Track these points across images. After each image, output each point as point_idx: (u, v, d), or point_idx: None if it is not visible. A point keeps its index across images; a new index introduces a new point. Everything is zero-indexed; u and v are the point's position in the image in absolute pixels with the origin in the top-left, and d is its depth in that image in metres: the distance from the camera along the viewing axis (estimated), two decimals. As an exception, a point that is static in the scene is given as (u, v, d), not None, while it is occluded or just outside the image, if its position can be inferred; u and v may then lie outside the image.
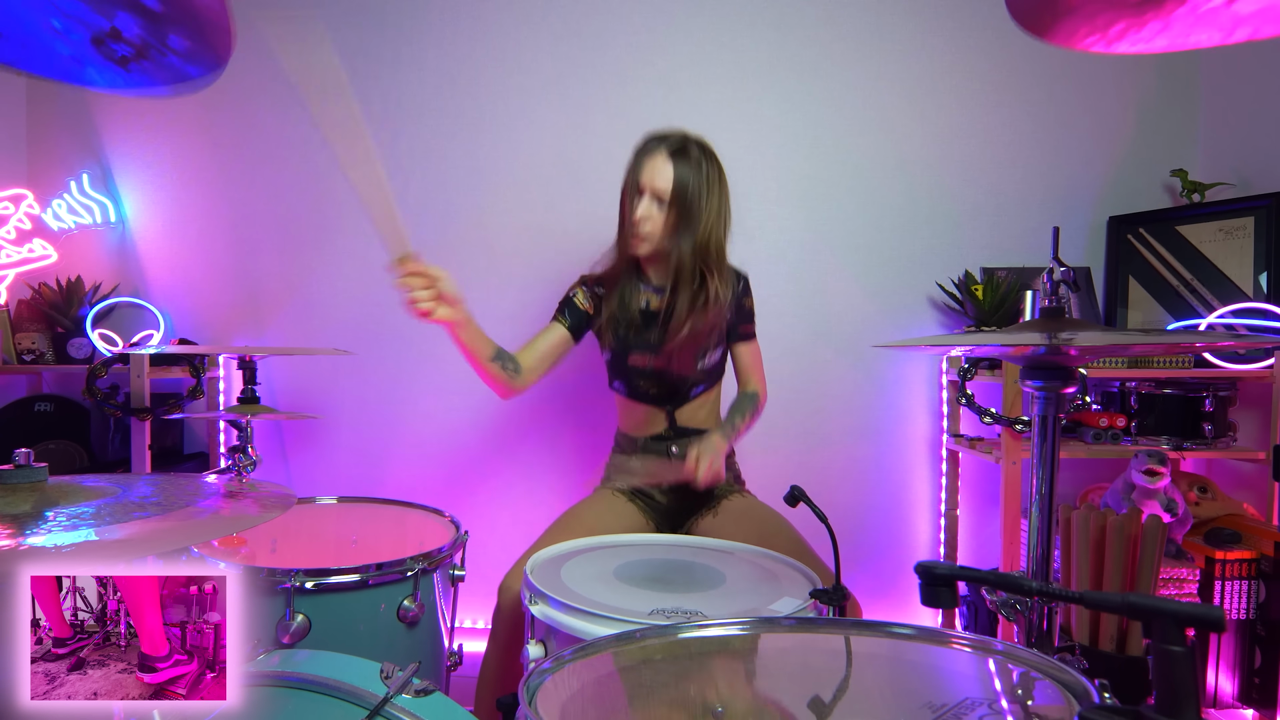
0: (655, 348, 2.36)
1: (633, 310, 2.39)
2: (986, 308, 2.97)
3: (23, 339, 3.09)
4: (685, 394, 2.42)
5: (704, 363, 2.40)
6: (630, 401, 2.47)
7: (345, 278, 3.26)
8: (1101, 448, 2.76)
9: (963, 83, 3.21)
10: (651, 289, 2.40)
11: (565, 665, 1.12)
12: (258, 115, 3.28)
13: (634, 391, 2.44)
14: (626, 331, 2.39)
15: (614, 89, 3.22)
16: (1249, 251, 2.90)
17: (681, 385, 2.40)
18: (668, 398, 2.42)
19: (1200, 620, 0.77)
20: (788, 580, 1.74)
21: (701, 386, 2.43)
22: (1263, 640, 2.57)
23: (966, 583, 0.98)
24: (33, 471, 1.15)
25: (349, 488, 3.15)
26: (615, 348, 2.43)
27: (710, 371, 2.44)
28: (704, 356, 2.39)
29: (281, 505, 1.20)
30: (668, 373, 2.38)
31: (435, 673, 2.00)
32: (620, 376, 2.46)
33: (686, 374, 2.39)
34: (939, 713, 0.99)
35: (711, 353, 2.41)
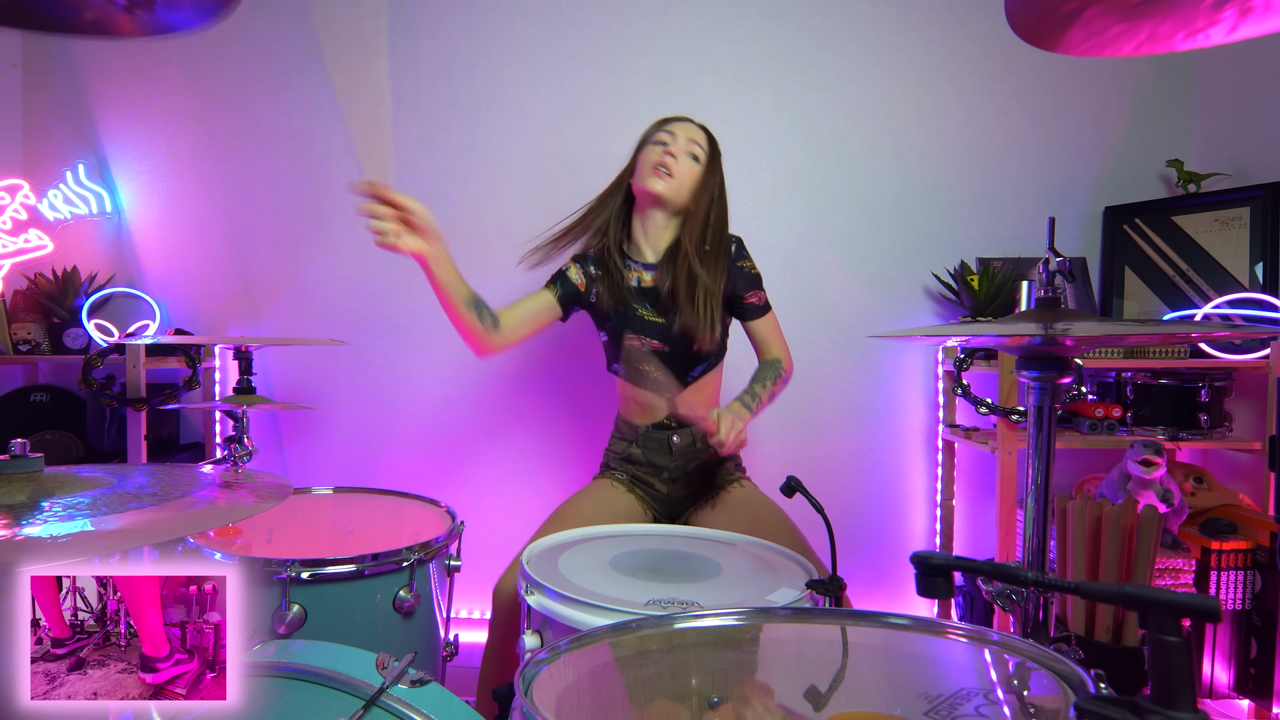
0: (652, 326, 2.34)
1: (625, 287, 2.35)
2: (982, 298, 2.97)
3: (18, 329, 3.08)
4: (684, 377, 2.36)
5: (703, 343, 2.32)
6: (631, 385, 2.42)
7: (341, 268, 3.26)
8: (1097, 438, 2.77)
9: (959, 73, 3.21)
10: (640, 266, 2.37)
11: (561, 656, 1.12)
12: (254, 105, 3.27)
13: (634, 375, 2.39)
14: (622, 308, 2.35)
15: (610, 79, 3.21)
16: (1245, 242, 2.91)
17: (679, 365, 2.35)
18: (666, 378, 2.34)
19: (1196, 610, 0.77)
20: (784, 571, 1.74)
21: (700, 369, 2.38)
22: (1258, 630, 2.58)
23: (962, 573, 0.98)
24: (28, 462, 1.15)
25: (345, 478, 3.15)
26: (610, 329, 2.41)
27: (708, 352, 2.37)
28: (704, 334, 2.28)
29: (277, 496, 1.20)
30: (665, 353, 2.35)
31: (431, 663, 2.00)
32: (619, 359, 2.42)
33: (686, 354, 2.34)
34: (935, 703, 0.99)
35: (711, 332, 2.31)
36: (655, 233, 2.36)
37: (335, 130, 3.23)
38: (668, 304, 2.31)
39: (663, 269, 2.32)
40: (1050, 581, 0.93)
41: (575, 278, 2.39)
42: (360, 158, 1.72)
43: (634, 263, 2.38)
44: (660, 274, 2.33)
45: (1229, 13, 1.06)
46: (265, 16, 3.21)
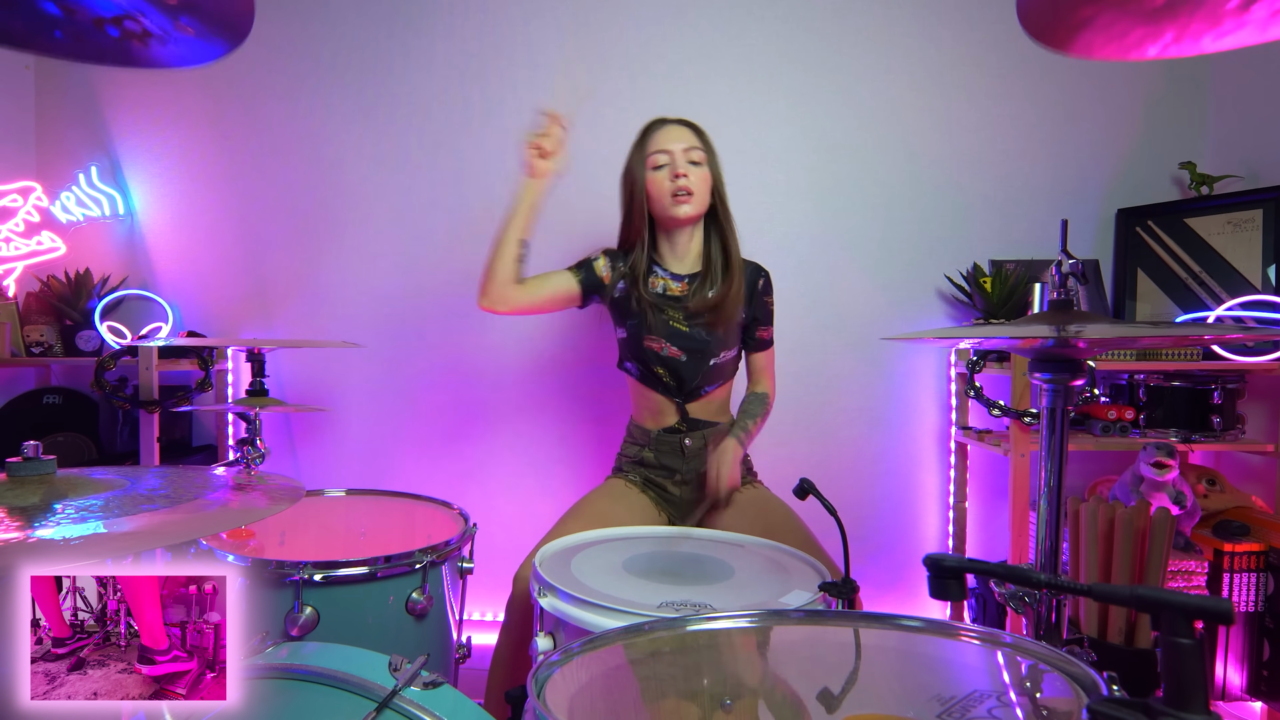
0: (676, 333, 2.36)
1: (652, 293, 2.37)
2: (995, 300, 2.97)
3: (31, 331, 3.09)
4: (696, 390, 2.39)
5: (718, 359, 2.39)
6: (642, 386, 2.44)
7: (354, 270, 3.26)
8: (1110, 440, 2.76)
9: (971, 75, 3.20)
10: (668, 275, 2.40)
11: (574, 658, 1.12)
12: (266, 108, 3.28)
13: (646, 376, 2.42)
14: (645, 311, 2.36)
15: (622, 82, 3.21)
16: (1257, 244, 2.89)
17: (694, 377, 2.38)
18: (678, 389, 2.39)
19: (1209, 613, 0.77)
20: (797, 573, 1.74)
21: (713, 385, 2.42)
22: (1271, 633, 2.56)
23: (975, 575, 0.98)
24: (41, 464, 1.16)
25: (357, 480, 3.16)
26: (631, 327, 2.41)
27: (723, 369, 2.42)
28: (719, 351, 2.39)
29: (290, 498, 1.20)
30: (681, 362, 2.37)
31: (444, 665, 2.00)
32: (633, 358, 2.44)
33: (702, 367, 2.38)
34: (948, 705, 0.99)
35: (727, 350, 2.41)
36: (684, 244, 2.41)
37: (348, 133, 3.25)
38: (698, 311, 2.36)
39: (696, 278, 2.38)
40: (1063, 584, 0.93)
41: (602, 270, 2.41)
42: (558, 85, 1.90)
43: (662, 270, 2.41)
44: (688, 285, 2.38)
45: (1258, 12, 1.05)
46: (279, 19, 3.22)
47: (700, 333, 2.36)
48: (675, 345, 2.36)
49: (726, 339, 2.39)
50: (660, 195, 2.33)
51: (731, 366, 2.46)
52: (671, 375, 2.38)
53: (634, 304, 2.37)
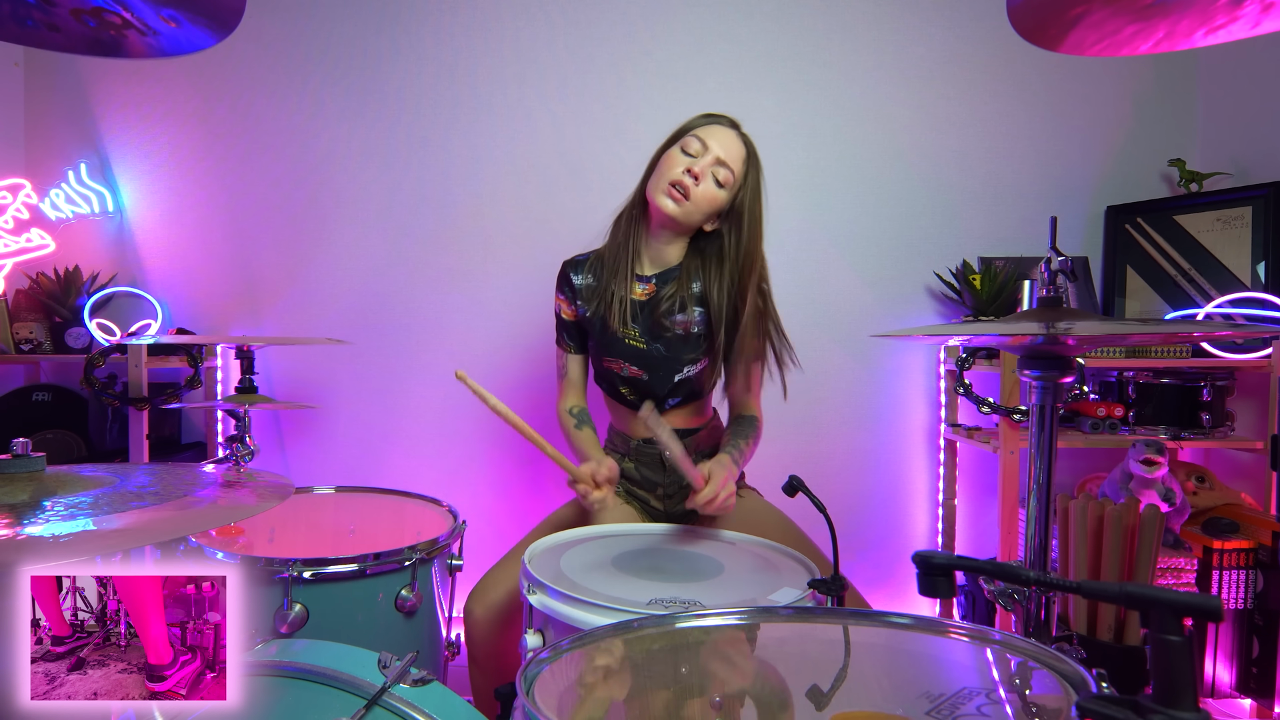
0: (632, 351, 2.21)
1: (617, 302, 2.19)
2: (984, 297, 2.97)
3: (20, 328, 3.08)
4: (661, 403, 2.23)
5: (683, 374, 2.22)
6: (614, 401, 2.34)
7: (343, 267, 3.26)
8: (1099, 437, 2.77)
9: (960, 73, 3.21)
10: (636, 277, 2.24)
11: (563, 655, 1.12)
12: (256, 104, 3.27)
13: (614, 393, 2.31)
14: (604, 327, 2.21)
15: (612, 79, 3.21)
16: (1247, 241, 2.90)
17: (663, 390, 2.22)
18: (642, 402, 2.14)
19: (1198, 610, 0.77)
20: (786, 570, 1.74)
21: (687, 399, 2.27)
22: (1260, 630, 2.58)
23: (964, 572, 0.98)
24: (30, 461, 1.15)
25: (347, 477, 3.15)
26: (592, 348, 2.31)
27: (695, 380, 2.26)
28: (683, 367, 2.22)
29: (279, 495, 1.20)
30: (644, 380, 2.23)
31: (433, 662, 2.00)
32: (598, 377, 2.34)
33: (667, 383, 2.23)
34: (937, 702, 0.99)
35: (693, 365, 2.23)
36: (659, 246, 2.24)
37: (337, 130, 3.24)
38: (656, 324, 2.20)
39: (658, 283, 2.23)
40: (1052, 581, 0.93)
41: (567, 314, 2.31)
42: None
43: (639, 275, 2.25)
44: (654, 287, 2.23)
45: (1250, 8, 1.06)
46: (267, 16, 3.21)
47: (659, 349, 2.20)
48: (635, 365, 2.22)
49: (688, 352, 2.22)
50: (662, 173, 2.13)
51: (707, 378, 2.28)
52: (636, 393, 2.25)
53: (594, 324, 2.24)
